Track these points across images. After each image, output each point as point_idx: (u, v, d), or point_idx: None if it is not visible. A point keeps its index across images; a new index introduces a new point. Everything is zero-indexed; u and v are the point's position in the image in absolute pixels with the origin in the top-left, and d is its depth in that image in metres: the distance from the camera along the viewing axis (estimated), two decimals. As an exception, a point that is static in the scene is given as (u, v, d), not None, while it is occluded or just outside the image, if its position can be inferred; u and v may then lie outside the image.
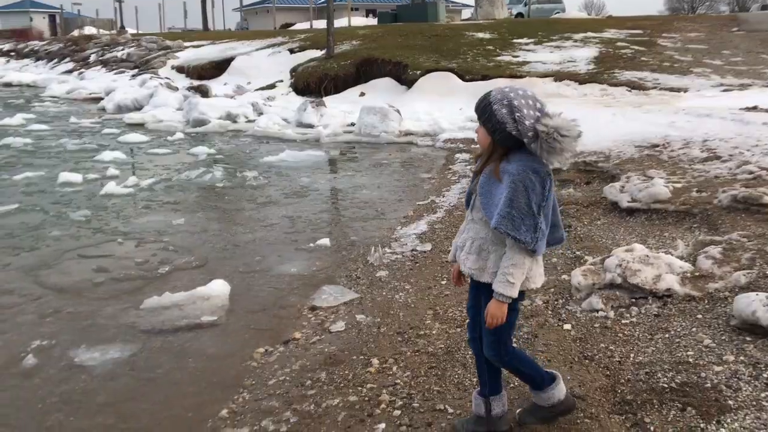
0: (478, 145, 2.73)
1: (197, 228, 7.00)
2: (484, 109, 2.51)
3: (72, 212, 7.60)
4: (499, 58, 17.95)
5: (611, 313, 4.04)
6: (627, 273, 4.18)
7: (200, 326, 4.56)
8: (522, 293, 2.63)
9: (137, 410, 3.57)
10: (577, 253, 5.31)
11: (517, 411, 2.99)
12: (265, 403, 3.52)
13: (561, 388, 2.86)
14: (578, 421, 2.96)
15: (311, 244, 6.29)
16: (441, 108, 14.39)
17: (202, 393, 3.73)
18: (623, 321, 3.95)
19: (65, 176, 9.20)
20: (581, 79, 14.97)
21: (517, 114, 2.41)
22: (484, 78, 15.64)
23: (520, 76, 15.43)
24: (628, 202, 6.13)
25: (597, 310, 4.09)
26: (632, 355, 3.53)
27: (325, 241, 6.31)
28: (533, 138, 2.42)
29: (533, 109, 2.44)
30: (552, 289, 4.61)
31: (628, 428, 2.89)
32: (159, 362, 4.09)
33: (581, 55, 17.63)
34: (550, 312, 4.25)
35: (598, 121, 10.35)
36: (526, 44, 19.53)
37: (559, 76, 15.29)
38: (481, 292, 2.67)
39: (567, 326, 3.99)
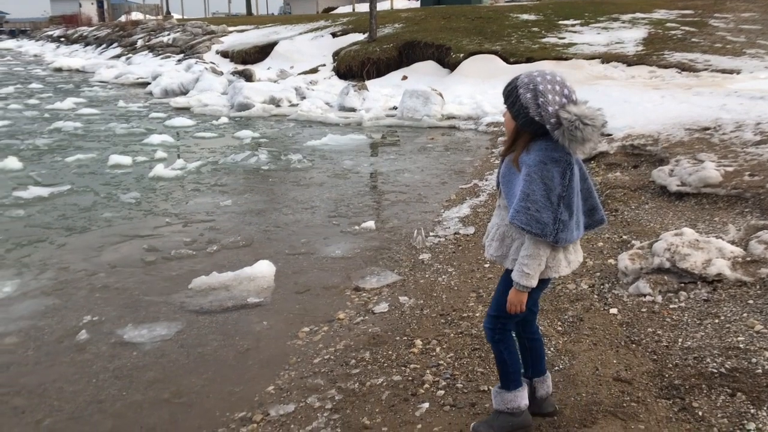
0: None
1: (244, 209, 7.12)
2: (510, 92, 2.46)
3: (122, 194, 7.80)
4: (544, 40, 17.65)
5: (659, 298, 3.98)
6: (676, 257, 4.11)
7: (246, 306, 4.65)
8: (545, 281, 2.61)
9: (186, 385, 3.67)
10: (624, 237, 5.23)
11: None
12: (310, 380, 3.58)
13: (524, 396, 2.76)
14: (624, 404, 2.94)
15: (355, 227, 6.33)
16: (484, 91, 14.25)
17: (249, 370, 3.81)
18: (671, 306, 3.89)
19: (115, 159, 9.45)
20: (629, 61, 14.63)
21: (541, 99, 2.35)
22: (529, 60, 15.40)
23: (566, 58, 15.16)
24: (678, 186, 6.00)
25: (644, 295, 4.03)
26: (680, 340, 3.47)
27: (370, 224, 6.34)
28: (556, 125, 2.35)
29: (559, 95, 2.36)
30: (598, 273, 4.55)
31: (676, 412, 2.86)
32: (207, 340, 4.19)
33: (629, 36, 17.21)
34: (595, 296, 4.20)
35: (647, 103, 10.13)
36: (573, 26, 19.15)
37: (606, 58, 14.97)
38: (505, 274, 2.67)
39: (613, 310, 3.94)
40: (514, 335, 2.80)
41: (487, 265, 5.04)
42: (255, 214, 6.96)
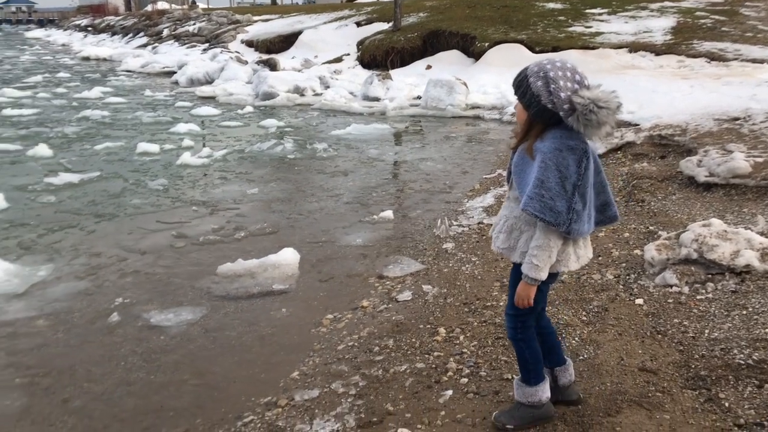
0: None
1: (270, 197, 7.19)
2: (521, 82, 2.41)
3: (150, 181, 7.91)
4: (570, 29, 17.44)
5: (686, 289, 3.94)
6: (704, 248, 4.06)
7: (271, 293, 4.70)
8: (554, 275, 2.54)
9: (212, 370, 3.72)
10: (650, 227, 5.17)
11: (494, 414, 2.87)
12: (334, 366, 3.61)
13: (546, 389, 2.74)
14: (650, 394, 2.93)
15: (376, 216, 6.35)
16: (509, 80, 13.95)
17: (274, 355, 3.86)
18: (698, 297, 3.85)
19: (143, 146, 9.58)
20: (657, 50, 14.40)
21: (553, 86, 2.30)
22: (555, 49, 15.23)
23: (593, 48, 14.97)
24: (706, 176, 5.92)
25: (671, 286, 4.00)
26: (707, 331, 3.44)
27: (389, 214, 6.35)
28: (569, 111, 2.29)
29: (570, 81, 2.31)
30: (623, 264, 4.52)
31: (702, 403, 2.84)
32: (232, 326, 4.25)
33: (658, 25, 16.93)
34: (621, 286, 4.18)
35: (675, 93, 9.99)
36: (600, 14, 18.90)
37: (633, 47, 14.75)
38: (514, 270, 2.62)
39: (639, 301, 3.92)
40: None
41: (511, 255, 5.02)
42: (281, 201, 7.02)
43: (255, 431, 3.06)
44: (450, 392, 3.18)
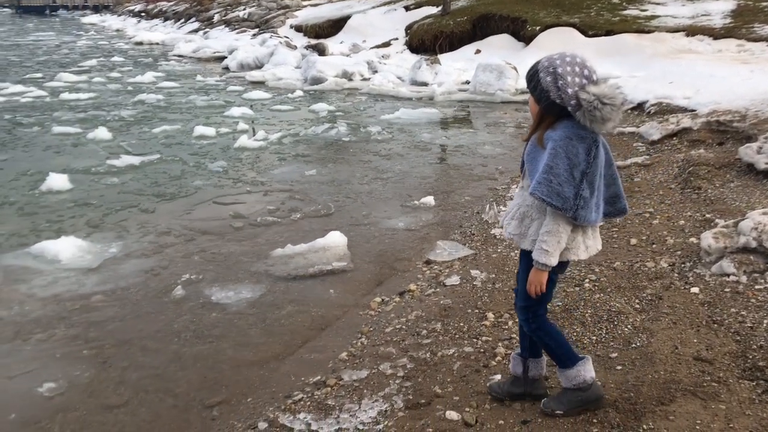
0: None
1: (326, 179, 7.32)
2: (532, 77, 2.48)
3: (210, 163, 8.09)
4: (625, 12, 17.00)
5: (743, 278, 3.83)
6: (763, 237, 3.93)
7: (321, 274, 4.76)
8: (564, 264, 2.57)
9: (262, 349, 3.80)
10: (707, 215, 5.04)
11: (542, 401, 2.85)
12: (382, 348, 3.63)
13: (589, 368, 2.72)
14: (705, 384, 2.86)
15: (423, 200, 6.34)
16: (560, 65, 13.86)
17: (323, 336, 3.91)
18: (757, 286, 3.74)
19: (200, 130, 9.76)
20: (716, 34, 13.93)
21: (561, 82, 2.37)
22: (608, 33, 14.90)
23: (648, 31, 14.57)
24: (766, 163, 5.72)
25: (728, 275, 3.89)
26: (766, 322, 3.34)
27: (430, 200, 6.36)
28: (576, 106, 2.36)
29: (579, 76, 2.37)
30: (678, 252, 4.42)
31: (759, 394, 2.76)
32: (283, 306, 4.32)
33: (716, 8, 16.36)
34: (676, 274, 4.08)
35: (734, 78, 9.66)
36: (655, -3, 18.36)
37: (691, 31, 14.30)
38: (524, 259, 2.65)
39: (694, 289, 3.82)
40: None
41: (561, 241, 4.96)
42: (336, 184, 7.13)
43: (304, 409, 3.11)
44: (498, 377, 3.17)
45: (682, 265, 4.20)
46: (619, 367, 3.10)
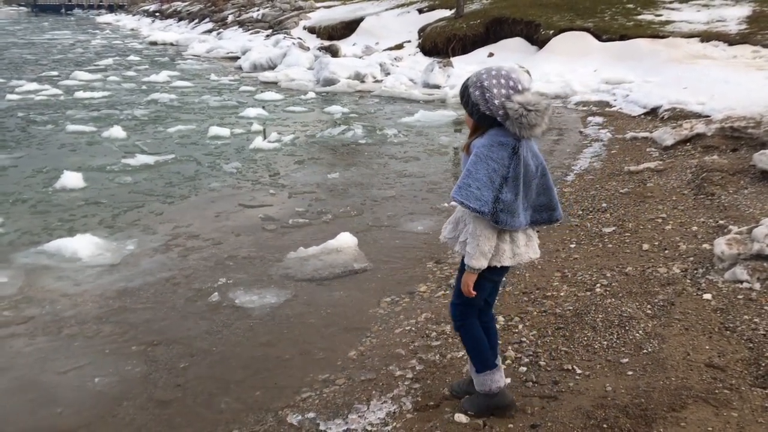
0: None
1: (346, 181, 7.32)
2: (463, 92, 2.60)
3: (224, 164, 8.09)
4: (640, 17, 16.92)
5: (757, 285, 3.80)
6: (777, 244, 3.90)
7: (332, 275, 4.76)
8: (498, 269, 2.64)
9: (273, 347, 3.80)
10: (720, 222, 5.00)
11: (462, 399, 2.99)
12: (391, 349, 3.63)
13: (497, 378, 2.82)
14: (716, 391, 2.84)
15: (443, 204, 6.33)
16: (573, 69, 13.83)
17: (333, 336, 3.91)
18: (770, 294, 3.71)
19: (214, 130, 9.77)
20: (731, 40, 13.84)
21: (488, 94, 2.48)
22: (623, 38, 14.84)
23: (662, 36, 14.50)
24: (781, 170, 5.68)
25: (741, 281, 3.86)
26: (779, 330, 3.32)
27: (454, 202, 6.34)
28: (504, 116, 2.47)
29: (504, 87, 2.48)
30: (691, 258, 4.39)
31: (773, 403, 2.74)
32: (294, 305, 4.33)
33: (732, 14, 16.26)
34: (688, 281, 4.05)
35: (749, 84, 9.59)
36: (671, 2, 18.26)
37: (705, 37, 14.22)
38: (462, 261, 2.71)
39: (707, 296, 3.80)
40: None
41: (572, 245, 4.95)
42: (355, 186, 7.14)
43: (312, 407, 3.12)
44: (508, 380, 3.15)
45: (695, 271, 4.17)
46: (630, 373, 3.08)
